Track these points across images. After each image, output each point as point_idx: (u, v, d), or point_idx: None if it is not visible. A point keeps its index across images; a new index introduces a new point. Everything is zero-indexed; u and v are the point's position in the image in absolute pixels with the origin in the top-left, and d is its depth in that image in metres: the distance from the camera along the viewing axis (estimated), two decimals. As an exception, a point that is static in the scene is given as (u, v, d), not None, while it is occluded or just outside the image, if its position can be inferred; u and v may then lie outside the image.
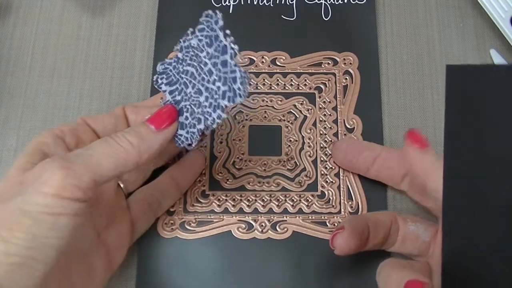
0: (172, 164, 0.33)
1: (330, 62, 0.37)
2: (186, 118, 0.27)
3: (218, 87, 0.25)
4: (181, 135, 0.27)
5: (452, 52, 0.38)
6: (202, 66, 0.26)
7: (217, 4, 0.39)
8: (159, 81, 0.28)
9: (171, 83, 0.27)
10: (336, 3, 0.39)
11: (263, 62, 0.38)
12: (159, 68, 0.28)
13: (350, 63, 0.37)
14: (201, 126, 0.26)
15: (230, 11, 0.39)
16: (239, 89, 0.24)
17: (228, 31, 0.25)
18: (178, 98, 0.27)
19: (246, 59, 0.38)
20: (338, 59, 0.38)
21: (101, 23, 0.39)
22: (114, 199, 0.29)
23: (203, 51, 0.26)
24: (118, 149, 0.24)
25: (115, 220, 0.29)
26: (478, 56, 0.38)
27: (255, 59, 0.38)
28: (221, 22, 0.25)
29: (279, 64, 0.38)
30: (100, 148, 0.24)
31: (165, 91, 0.28)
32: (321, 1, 0.39)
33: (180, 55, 0.28)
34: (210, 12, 0.26)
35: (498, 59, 0.37)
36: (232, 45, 0.25)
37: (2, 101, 0.37)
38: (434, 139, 0.36)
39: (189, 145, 0.27)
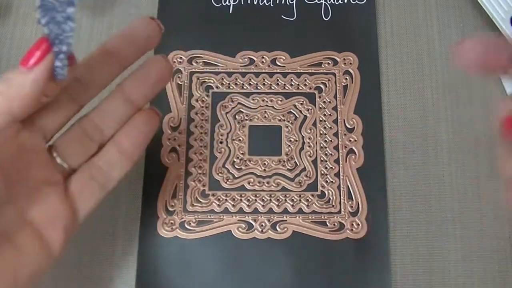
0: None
1: (330, 62, 0.37)
2: (56, 45, 0.23)
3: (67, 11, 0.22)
4: (58, 66, 0.23)
5: (452, 52, 0.38)
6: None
7: (217, 4, 0.39)
8: (38, 16, 0.23)
9: (45, 14, 0.22)
10: (336, 3, 0.39)
11: (263, 62, 0.38)
12: (37, 1, 0.23)
13: (350, 63, 0.37)
14: (64, 47, 0.22)
15: (230, 11, 0.39)
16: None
17: None
18: (52, 27, 0.22)
19: (246, 59, 0.38)
20: (338, 59, 0.38)
21: (101, 24, 0.39)
22: (41, 173, 0.25)
23: None
24: None
25: (44, 196, 0.25)
26: (478, 56, 0.38)
27: (255, 59, 0.38)
28: None
29: (279, 64, 0.38)
30: None
31: (43, 25, 0.23)
32: (321, 1, 0.39)
33: None
34: None
35: (498, 59, 0.37)
36: None
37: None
38: (434, 139, 0.36)
39: (63, 75, 0.23)
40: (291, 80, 0.37)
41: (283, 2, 0.39)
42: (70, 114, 0.26)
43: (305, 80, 0.37)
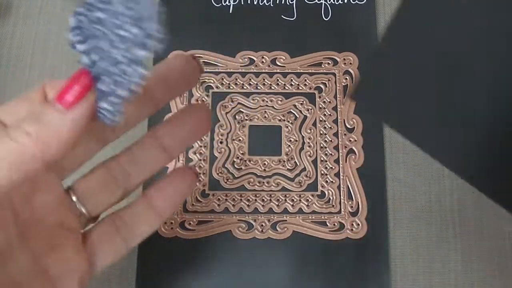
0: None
1: (330, 62, 0.37)
2: (106, 83, 0.20)
3: (129, 32, 0.19)
4: (103, 108, 0.20)
5: (452, 52, 0.38)
6: (111, 8, 0.19)
7: (217, 4, 0.39)
8: (74, 39, 0.20)
9: (86, 40, 0.20)
10: (336, 3, 0.39)
11: (263, 62, 0.38)
12: (72, 21, 0.20)
13: (350, 63, 0.37)
14: (123, 92, 0.19)
15: (230, 11, 0.39)
16: (149, 28, 0.19)
17: None
18: (95, 58, 0.20)
19: (246, 59, 0.38)
20: (338, 59, 0.38)
21: (101, 23, 0.39)
22: (55, 217, 0.22)
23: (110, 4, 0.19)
24: (10, 145, 0.17)
25: (59, 244, 0.22)
26: (478, 56, 0.38)
27: (255, 59, 0.38)
28: None
29: (279, 64, 0.38)
30: None
31: (81, 52, 0.20)
32: (321, 1, 0.39)
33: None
34: None
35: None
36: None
37: (2, 101, 0.37)
38: (434, 139, 0.36)
39: (113, 121, 0.20)
40: (291, 80, 0.37)
41: (283, 2, 0.39)
42: (92, 152, 0.23)
43: (305, 80, 0.37)
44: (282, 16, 0.39)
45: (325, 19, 0.39)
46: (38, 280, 0.21)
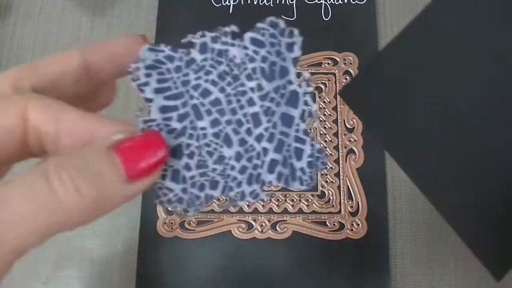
0: None
1: (330, 62, 0.37)
2: (187, 168, 0.16)
3: (265, 150, 0.16)
4: (171, 190, 0.16)
5: (452, 52, 0.38)
6: (242, 99, 0.17)
7: (217, 4, 0.39)
8: (142, 77, 0.16)
9: (167, 93, 0.17)
10: (336, 3, 0.39)
11: (263, 62, 0.38)
12: (147, 55, 0.17)
13: (350, 63, 0.37)
14: (216, 193, 0.17)
15: (230, 11, 0.39)
16: (302, 170, 0.17)
17: (307, 76, 0.17)
18: (177, 126, 0.16)
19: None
20: (338, 59, 0.38)
21: (101, 24, 0.39)
22: None
23: (251, 79, 0.17)
24: (48, 203, 0.13)
25: None
26: (478, 56, 0.38)
27: (255, 59, 0.38)
28: (297, 52, 0.18)
29: (279, 64, 0.38)
30: (17, 199, 0.13)
31: (150, 101, 0.17)
32: (321, 1, 0.39)
33: (198, 56, 0.17)
34: (281, 23, 0.18)
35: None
36: (309, 100, 0.17)
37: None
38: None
39: (185, 211, 0.17)
40: (291, 80, 0.37)
41: (283, 2, 0.39)
42: None
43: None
44: (282, 16, 0.39)
45: (325, 19, 0.39)
46: None
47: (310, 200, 0.34)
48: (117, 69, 0.19)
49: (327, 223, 0.34)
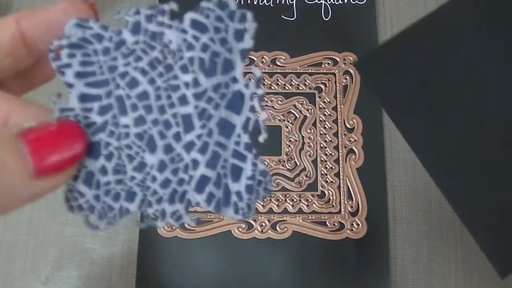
0: None
1: (330, 62, 0.37)
2: (103, 171, 0.14)
3: (195, 162, 0.14)
4: (82, 194, 0.14)
5: (452, 52, 0.38)
6: (173, 95, 0.14)
7: (217, 4, 0.39)
8: (64, 57, 0.14)
9: (90, 79, 0.14)
10: (336, 3, 0.39)
11: (263, 62, 0.38)
12: (73, 32, 0.14)
13: (350, 63, 0.37)
14: (132, 207, 0.14)
15: (230, 11, 0.39)
16: (238, 195, 0.14)
17: (258, 74, 0.14)
18: (97, 119, 0.14)
19: (246, 59, 0.38)
20: (338, 59, 0.38)
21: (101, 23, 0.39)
22: None
23: (187, 71, 0.14)
24: None
25: None
26: (478, 56, 0.38)
27: (255, 59, 0.38)
28: (248, 42, 0.15)
29: (279, 64, 0.38)
30: None
31: (71, 86, 0.14)
32: (321, 1, 0.39)
33: (129, 37, 0.14)
34: (231, 3, 0.15)
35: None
36: (256, 106, 0.14)
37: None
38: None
39: (95, 223, 0.15)
40: (291, 80, 0.37)
41: (283, 2, 0.39)
42: None
43: (305, 80, 0.37)
44: (282, 16, 0.39)
45: (325, 19, 0.39)
46: None
47: (310, 200, 0.34)
48: None
49: (327, 223, 0.34)
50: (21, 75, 0.16)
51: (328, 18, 0.39)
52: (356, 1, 0.39)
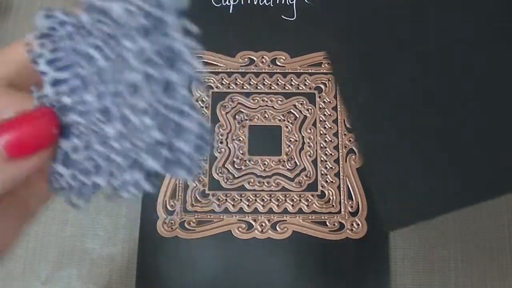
0: None
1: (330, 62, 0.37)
2: (75, 150, 0.15)
3: (147, 128, 0.14)
4: (61, 175, 0.15)
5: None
6: (123, 66, 0.14)
7: (217, 4, 0.39)
8: (37, 49, 0.15)
9: (58, 64, 0.15)
10: (336, 3, 0.39)
11: (263, 62, 0.38)
12: (42, 22, 0.16)
13: (350, 63, 0.37)
14: (100, 181, 0.14)
15: (230, 11, 0.39)
16: (189, 156, 0.14)
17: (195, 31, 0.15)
18: (68, 101, 0.15)
19: (246, 59, 0.38)
20: (338, 59, 0.38)
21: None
22: None
23: (133, 41, 0.14)
24: None
25: None
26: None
27: (255, 59, 0.38)
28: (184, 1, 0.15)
29: (279, 64, 0.38)
30: None
31: (44, 74, 0.15)
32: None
33: (84, 18, 0.15)
34: None
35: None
36: (194, 62, 0.14)
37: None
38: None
39: (68, 198, 0.15)
40: (291, 80, 0.37)
41: (283, 2, 0.39)
42: None
43: (305, 80, 0.37)
44: (282, 16, 0.39)
45: (325, 19, 0.39)
46: None
47: (310, 200, 0.34)
48: None
49: (327, 223, 0.34)
50: None
51: (328, 18, 0.39)
52: (356, 1, 0.39)
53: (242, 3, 0.39)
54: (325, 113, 0.36)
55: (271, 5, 0.39)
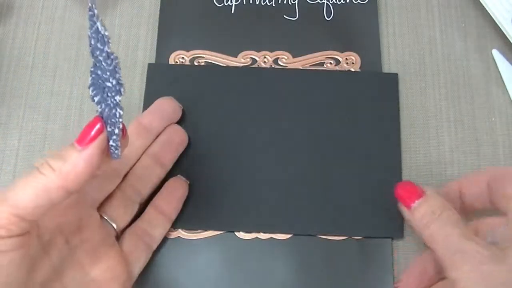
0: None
1: (332, 62, 0.37)
2: (109, 126, 0.24)
3: (111, 82, 0.22)
4: (112, 145, 0.24)
5: (454, 52, 0.38)
6: (101, 64, 0.23)
7: (219, 4, 0.39)
8: (92, 93, 0.24)
9: (98, 93, 0.24)
10: (338, 2, 0.39)
11: (265, 61, 0.38)
12: (89, 79, 0.24)
13: (353, 63, 0.37)
14: (116, 130, 0.23)
15: (232, 11, 0.39)
16: (119, 80, 0.22)
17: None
18: (104, 107, 0.24)
19: (248, 59, 0.38)
20: (340, 59, 0.38)
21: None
22: (98, 236, 0.28)
23: (99, 49, 0.22)
24: (37, 177, 0.22)
25: (103, 257, 0.28)
26: (480, 56, 0.38)
27: (257, 58, 0.38)
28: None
29: (281, 64, 0.38)
30: (21, 179, 0.23)
31: (96, 103, 0.24)
32: (323, 1, 0.39)
33: (99, 26, 0.23)
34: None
35: (500, 59, 0.37)
36: (101, 27, 0.21)
37: (4, 101, 0.37)
38: (436, 139, 0.36)
39: (117, 155, 0.24)
40: (293, 80, 0.37)
41: (285, 2, 0.39)
42: (115, 185, 0.30)
43: (307, 80, 0.37)
44: (284, 16, 0.39)
45: (327, 18, 0.39)
46: (90, 287, 0.27)
47: (312, 200, 0.34)
48: (166, 124, 0.34)
49: (330, 223, 0.34)
50: None
51: (330, 18, 0.39)
52: (358, 1, 0.39)
53: (244, 3, 0.39)
54: (327, 113, 0.36)
55: (273, 5, 0.39)
